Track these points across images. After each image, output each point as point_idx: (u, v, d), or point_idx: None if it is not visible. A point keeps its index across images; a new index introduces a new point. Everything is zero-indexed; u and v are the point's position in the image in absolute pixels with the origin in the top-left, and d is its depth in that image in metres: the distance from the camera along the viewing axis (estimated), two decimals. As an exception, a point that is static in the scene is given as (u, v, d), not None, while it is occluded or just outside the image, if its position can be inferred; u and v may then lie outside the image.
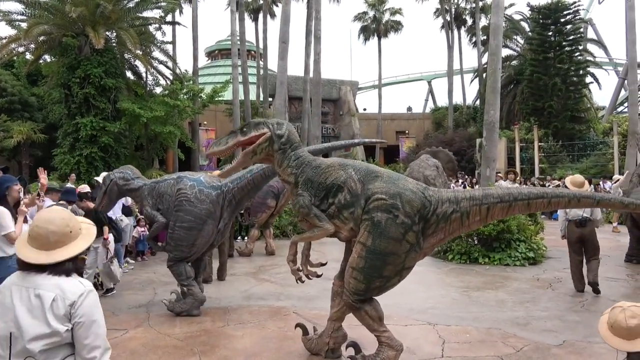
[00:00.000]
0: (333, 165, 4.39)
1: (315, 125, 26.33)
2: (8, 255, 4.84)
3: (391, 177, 4.28)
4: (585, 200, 4.22)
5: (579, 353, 5.01)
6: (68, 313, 2.08)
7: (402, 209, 4.05)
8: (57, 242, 2.15)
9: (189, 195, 6.26)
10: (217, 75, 39.31)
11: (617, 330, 2.88)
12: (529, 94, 29.95)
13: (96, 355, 2.13)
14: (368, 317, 4.31)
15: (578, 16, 30.76)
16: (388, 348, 4.31)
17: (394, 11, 41.10)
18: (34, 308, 2.07)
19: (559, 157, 26.63)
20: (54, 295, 2.08)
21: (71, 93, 19.33)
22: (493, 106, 13.42)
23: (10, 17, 20.34)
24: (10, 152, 22.00)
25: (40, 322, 2.06)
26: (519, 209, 4.25)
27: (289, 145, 4.49)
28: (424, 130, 39.99)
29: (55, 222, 2.18)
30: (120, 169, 7.25)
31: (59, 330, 2.06)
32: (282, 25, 18.80)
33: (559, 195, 4.16)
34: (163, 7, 23.36)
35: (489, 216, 4.23)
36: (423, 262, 9.97)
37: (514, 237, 9.83)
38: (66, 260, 2.15)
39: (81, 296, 2.11)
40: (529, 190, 4.19)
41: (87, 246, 2.22)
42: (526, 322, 6.01)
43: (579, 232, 7.45)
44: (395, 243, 4.04)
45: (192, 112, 22.92)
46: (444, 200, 4.21)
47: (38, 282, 2.11)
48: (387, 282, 4.23)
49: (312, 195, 4.34)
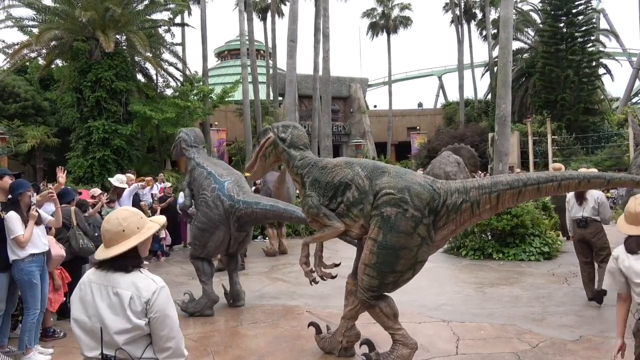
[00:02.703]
0: (339, 165, 4.46)
1: (326, 123, 26.31)
2: (20, 258, 4.94)
3: (398, 172, 4.28)
4: (595, 181, 4.12)
5: (595, 348, 4.93)
6: (144, 309, 2.25)
7: (412, 203, 4.04)
8: (112, 240, 2.32)
9: (208, 198, 6.36)
10: (226, 76, 39.44)
11: (627, 217, 3.30)
12: (541, 86, 29.63)
13: (171, 345, 2.30)
14: (383, 315, 4.29)
15: (590, 6, 30.34)
16: (402, 346, 4.28)
17: (403, 6, 40.93)
18: (113, 305, 2.25)
19: (572, 150, 26.33)
20: (130, 294, 2.24)
21: (83, 97, 19.51)
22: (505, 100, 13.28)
23: (22, 23, 20.58)
24: (24, 156, 22.25)
25: (121, 318, 2.23)
26: (530, 194, 4.16)
27: (293, 146, 4.79)
28: (435, 125, 39.76)
29: (110, 221, 2.36)
30: (188, 130, 7.53)
31: (139, 324, 2.24)
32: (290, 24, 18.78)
33: (569, 177, 4.08)
34: (172, 9, 23.48)
35: (499, 204, 4.16)
36: (436, 259, 9.99)
37: (528, 231, 9.73)
38: (118, 257, 2.28)
39: (154, 293, 2.28)
40: (537, 175, 4.13)
41: (134, 244, 2.31)
42: (542, 318, 5.94)
43: (580, 233, 6.67)
44: (406, 237, 4.03)
45: (203, 113, 23.02)
46: (452, 191, 4.17)
47: (115, 280, 2.28)
48: (400, 277, 4.21)
49: (320, 195, 4.42)
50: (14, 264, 4.95)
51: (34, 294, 5.01)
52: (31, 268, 4.98)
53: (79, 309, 2.33)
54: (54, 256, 5.52)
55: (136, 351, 2.28)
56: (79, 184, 17.27)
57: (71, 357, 5.17)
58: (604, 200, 6.62)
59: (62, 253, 5.76)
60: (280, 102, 32.52)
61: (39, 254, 5.08)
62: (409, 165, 31.30)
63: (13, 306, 5.26)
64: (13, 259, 4.93)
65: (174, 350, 2.32)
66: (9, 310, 5.17)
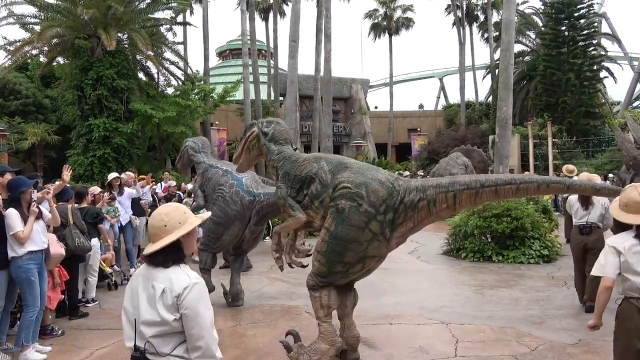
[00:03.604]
0: (308, 159, 4.71)
1: (327, 123, 26.30)
2: (18, 255, 4.94)
3: (360, 168, 4.40)
4: (554, 186, 4.14)
5: (595, 352, 4.93)
6: (175, 304, 2.25)
7: (367, 198, 4.13)
8: (155, 235, 2.37)
9: (226, 193, 6.57)
10: (228, 75, 39.41)
11: (631, 207, 3.29)
12: (542, 89, 29.60)
13: (201, 345, 2.28)
14: (319, 302, 4.41)
15: (592, 10, 30.32)
16: (322, 340, 4.37)
17: (406, 8, 40.86)
18: (150, 298, 2.29)
19: (573, 153, 26.29)
20: (163, 287, 2.27)
21: (84, 95, 19.48)
22: (506, 102, 13.29)
23: (24, 20, 20.56)
24: (25, 153, 22.22)
25: (153, 310, 2.27)
26: (487, 196, 4.16)
27: (273, 141, 5.04)
28: (435, 127, 39.72)
29: (154, 217, 2.42)
30: (195, 138, 7.88)
31: (167, 319, 2.24)
32: (292, 24, 18.79)
33: (528, 181, 4.04)
34: (174, 7, 23.43)
35: (456, 203, 4.15)
36: (436, 261, 9.99)
37: (528, 234, 9.72)
38: (160, 251, 2.33)
39: (186, 289, 2.27)
40: (496, 177, 4.13)
41: (175, 239, 2.34)
42: (541, 321, 5.94)
43: (582, 240, 6.35)
44: (357, 230, 4.12)
45: (204, 112, 22.98)
46: (411, 188, 4.22)
47: (155, 274, 2.34)
48: (349, 269, 4.31)
49: (288, 187, 4.67)
50: (12, 262, 4.95)
51: (33, 292, 5.00)
52: (29, 266, 4.97)
53: (127, 299, 2.41)
54: (52, 254, 5.49)
55: (164, 347, 2.29)
56: (79, 182, 17.25)
57: (69, 355, 5.17)
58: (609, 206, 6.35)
59: (61, 252, 5.74)
60: (281, 102, 32.48)
61: (37, 251, 5.07)
62: (409, 167, 31.29)
63: (12, 303, 5.25)
64: (11, 256, 4.93)
65: (204, 351, 2.29)
66: (8, 307, 5.16)
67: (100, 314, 6.63)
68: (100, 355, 5.13)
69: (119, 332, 5.73)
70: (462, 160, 17.06)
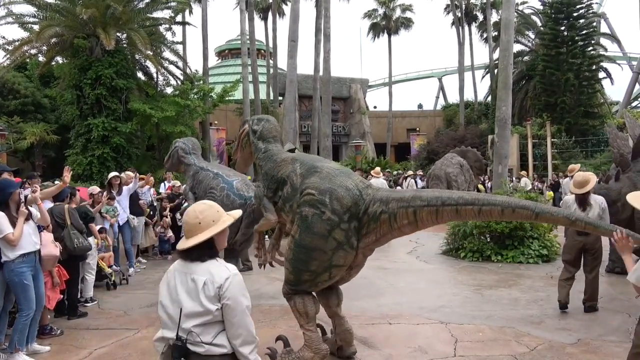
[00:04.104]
0: (286, 160, 4.63)
1: (326, 123, 26.30)
2: (10, 259, 4.81)
3: (330, 173, 4.21)
4: (521, 212, 3.59)
5: (593, 352, 4.93)
6: (217, 294, 2.38)
7: (330, 206, 3.99)
8: (189, 231, 2.49)
9: (217, 197, 6.60)
10: (227, 75, 39.40)
11: None
12: (541, 89, 29.61)
13: (242, 332, 2.43)
14: (296, 310, 4.34)
15: (591, 10, 30.33)
16: (307, 349, 4.27)
17: (405, 7, 40.91)
18: (190, 290, 2.41)
19: (572, 153, 26.29)
20: (204, 279, 2.39)
21: (83, 94, 19.47)
22: (505, 102, 13.31)
23: (23, 19, 20.54)
24: (23, 153, 22.19)
25: (195, 302, 2.38)
26: (448, 215, 3.85)
27: (262, 139, 5.03)
28: (435, 127, 39.75)
29: (189, 214, 2.53)
30: (185, 139, 7.95)
31: (210, 309, 2.37)
32: (291, 23, 18.80)
33: (492, 202, 3.67)
34: (173, 7, 23.42)
35: (418, 221, 3.88)
36: (435, 260, 9.99)
37: (527, 234, 9.72)
38: (194, 247, 2.44)
39: (227, 280, 2.40)
40: (459, 196, 3.78)
41: (209, 237, 2.45)
42: (540, 321, 5.94)
43: (581, 240, 6.12)
44: (320, 239, 4.00)
45: (203, 112, 22.97)
46: (376, 199, 4.01)
47: (193, 268, 2.45)
48: (316, 277, 4.16)
49: (266, 187, 4.65)
50: (4, 266, 4.84)
51: (27, 296, 4.90)
52: (22, 269, 4.85)
53: (164, 294, 2.51)
54: (46, 256, 5.39)
55: (206, 336, 2.40)
56: (77, 182, 17.23)
57: (68, 355, 5.16)
58: (606, 206, 6.14)
59: (55, 253, 5.63)
60: (280, 101, 32.48)
61: (29, 253, 4.94)
62: (408, 167, 31.29)
63: (10, 303, 5.21)
64: (3, 260, 4.82)
65: (244, 337, 2.43)
66: (6, 307, 5.12)
67: (99, 314, 6.62)
68: (99, 355, 5.12)
69: (117, 332, 5.74)
70: (457, 160, 17.11)
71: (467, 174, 16.97)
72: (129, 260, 9.20)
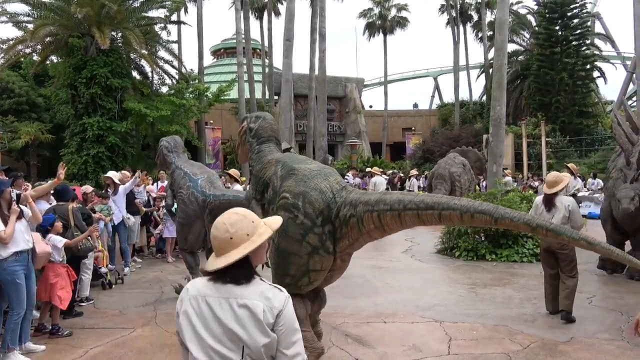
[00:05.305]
0: (271, 162, 4.60)
1: (321, 122, 26.31)
2: (3, 257, 4.76)
3: (305, 176, 4.13)
4: (480, 217, 3.37)
5: (586, 350, 4.97)
6: (276, 321, 1.95)
7: (302, 209, 3.93)
8: (220, 248, 2.00)
9: (184, 195, 6.87)
10: (222, 74, 39.38)
11: None
12: (536, 89, 29.76)
13: (299, 350, 2.01)
14: None
15: (585, 10, 30.51)
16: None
17: (400, 7, 40.95)
18: (241, 319, 1.93)
19: (566, 152, 26.45)
20: (262, 306, 1.94)
21: (78, 93, 19.43)
22: (499, 102, 13.36)
23: (17, 18, 20.46)
24: (18, 152, 22.14)
25: (258, 332, 1.92)
26: (410, 220, 3.66)
27: (256, 137, 5.00)
28: (430, 126, 39.85)
29: (218, 227, 2.01)
30: (168, 138, 8.08)
31: (275, 338, 1.94)
32: (286, 23, 18.81)
33: (451, 207, 3.46)
34: (168, 6, 23.40)
35: (383, 225, 3.74)
36: (430, 259, 10.03)
37: (521, 233, 9.77)
38: (229, 267, 1.94)
39: (285, 303, 1.99)
40: (420, 199, 3.62)
41: (243, 255, 1.96)
42: (533, 319, 5.98)
43: (546, 241, 5.93)
44: (295, 243, 3.94)
45: (198, 111, 22.98)
46: (347, 202, 3.89)
47: (236, 292, 1.96)
48: (297, 282, 4.06)
49: (254, 189, 4.65)
50: None
51: (19, 295, 4.87)
52: (15, 267, 4.81)
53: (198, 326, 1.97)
54: (39, 253, 5.36)
55: None
56: (72, 181, 17.18)
57: (63, 354, 5.16)
58: (575, 208, 5.97)
59: (47, 249, 5.60)
60: (276, 101, 32.50)
61: (22, 252, 4.91)
62: (403, 166, 31.36)
63: (5, 303, 5.20)
64: None
65: (302, 355, 2.02)
66: (1, 306, 5.12)
67: (95, 313, 6.62)
68: (94, 354, 5.12)
69: (113, 332, 5.74)
70: (460, 160, 17.17)
71: (469, 173, 17.03)
72: (125, 259, 9.19)
